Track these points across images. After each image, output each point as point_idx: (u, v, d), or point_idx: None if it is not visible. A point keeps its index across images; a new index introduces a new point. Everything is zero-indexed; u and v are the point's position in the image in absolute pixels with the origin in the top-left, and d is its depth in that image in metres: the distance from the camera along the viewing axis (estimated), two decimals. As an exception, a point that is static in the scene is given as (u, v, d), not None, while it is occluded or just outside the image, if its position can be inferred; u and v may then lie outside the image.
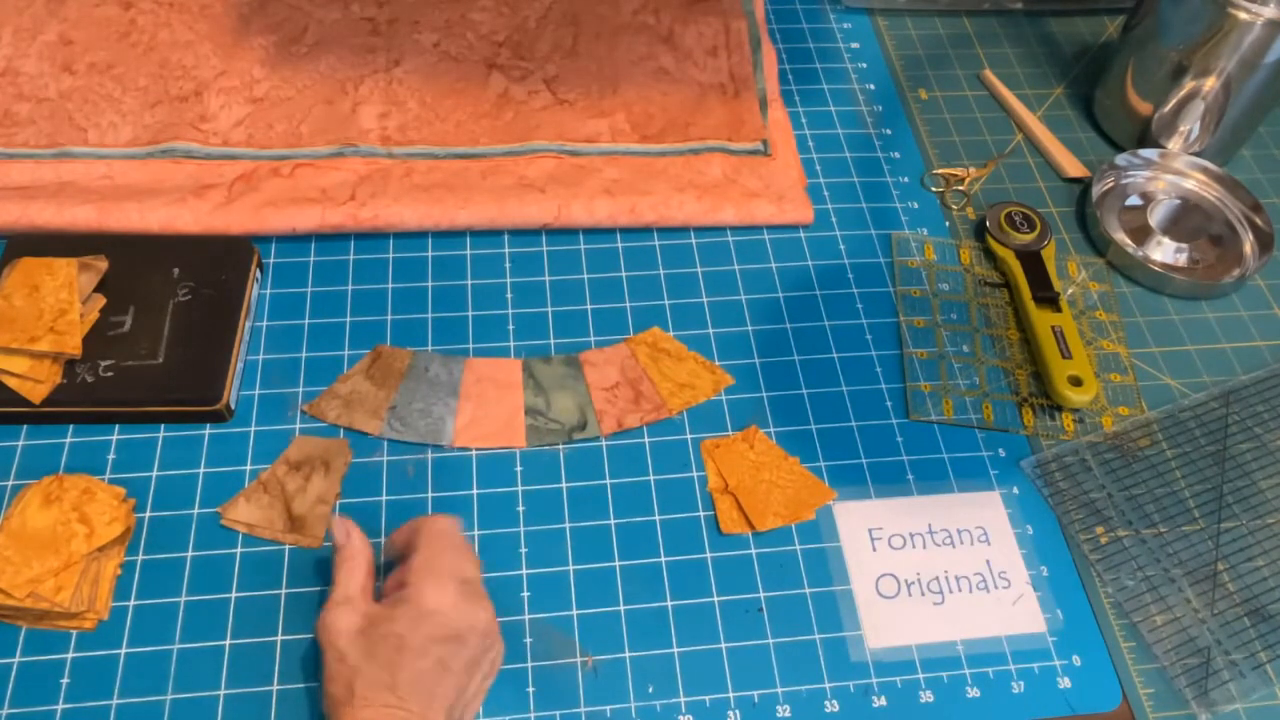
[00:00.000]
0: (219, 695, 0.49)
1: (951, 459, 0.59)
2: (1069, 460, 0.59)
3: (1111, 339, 0.65)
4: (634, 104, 0.73)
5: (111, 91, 0.70)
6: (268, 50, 0.74)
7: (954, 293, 0.67)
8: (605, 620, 0.52)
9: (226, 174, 0.66)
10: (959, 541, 0.56)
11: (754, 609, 0.53)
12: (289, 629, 0.51)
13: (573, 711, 0.49)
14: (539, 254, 0.66)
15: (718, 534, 0.55)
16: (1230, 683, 0.52)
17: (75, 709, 0.48)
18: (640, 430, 0.59)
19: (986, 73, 0.80)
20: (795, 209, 0.69)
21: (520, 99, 0.73)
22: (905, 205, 0.71)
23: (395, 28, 0.76)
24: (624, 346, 0.62)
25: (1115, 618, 0.54)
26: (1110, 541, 0.57)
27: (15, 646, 0.49)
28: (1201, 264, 0.69)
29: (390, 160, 0.68)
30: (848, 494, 0.57)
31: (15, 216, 0.62)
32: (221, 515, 0.54)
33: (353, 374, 0.59)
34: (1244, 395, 0.63)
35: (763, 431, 0.59)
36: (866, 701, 0.51)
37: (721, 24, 0.79)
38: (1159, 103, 0.72)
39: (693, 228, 0.68)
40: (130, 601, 0.51)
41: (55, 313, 0.56)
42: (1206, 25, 0.67)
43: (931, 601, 0.54)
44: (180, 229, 0.63)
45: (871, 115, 0.76)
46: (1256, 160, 0.77)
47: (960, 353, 0.64)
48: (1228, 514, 0.58)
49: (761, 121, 0.73)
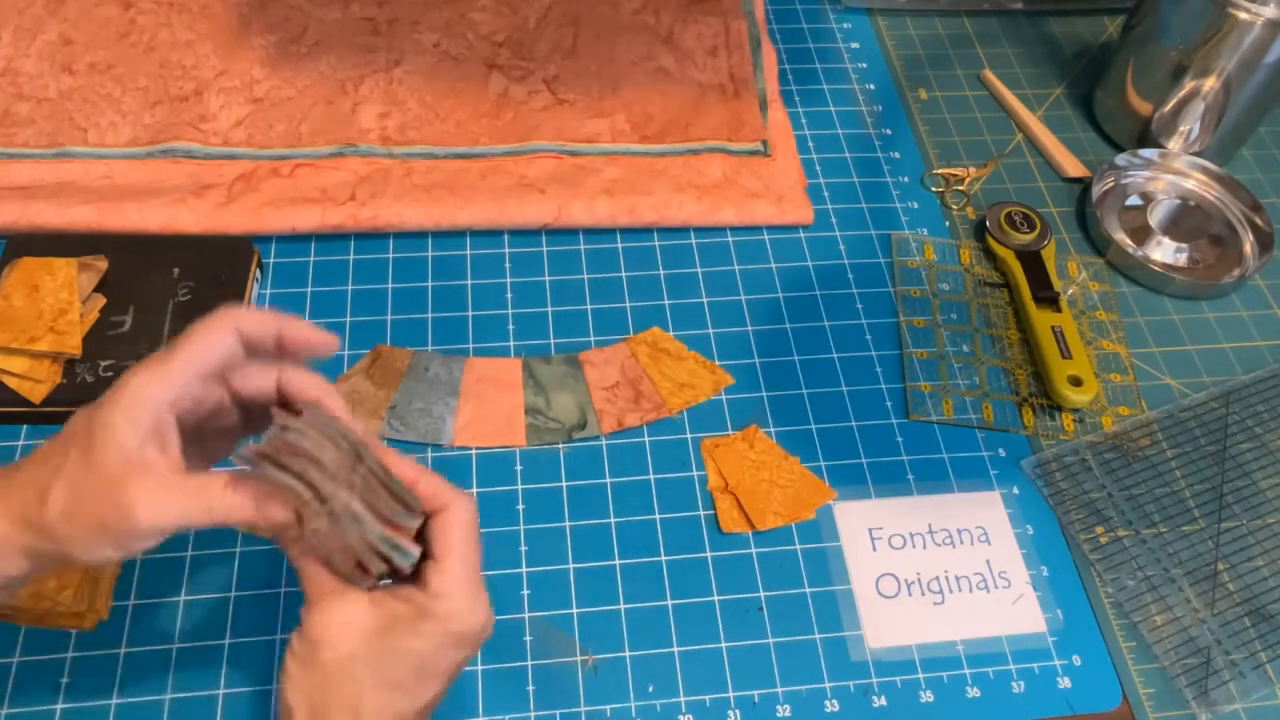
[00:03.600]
0: (219, 695, 0.49)
1: (951, 459, 0.59)
2: (1069, 460, 0.59)
3: (1111, 339, 0.65)
4: (634, 104, 0.73)
5: (111, 91, 0.70)
6: (268, 50, 0.74)
7: (954, 293, 0.67)
8: (605, 619, 0.52)
9: (226, 174, 0.66)
10: (959, 541, 0.56)
11: (754, 608, 0.53)
12: (289, 628, 0.50)
13: (573, 711, 0.49)
14: (539, 254, 0.66)
15: (718, 533, 0.55)
16: (1230, 683, 0.52)
17: (75, 708, 0.48)
18: (640, 430, 0.59)
19: (986, 73, 0.80)
20: (795, 209, 0.69)
21: (520, 99, 0.73)
22: (905, 205, 0.71)
23: (395, 28, 0.76)
24: (624, 346, 0.62)
25: (1115, 618, 0.54)
26: (1110, 541, 0.57)
27: (15, 646, 0.49)
28: (1201, 264, 0.69)
29: (390, 160, 0.68)
30: (848, 494, 0.57)
31: (15, 216, 0.62)
32: (221, 515, 0.53)
33: (353, 374, 0.59)
34: (1244, 395, 0.63)
35: (763, 431, 0.59)
36: (866, 701, 0.51)
37: (721, 24, 0.79)
38: (1159, 103, 0.72)
39: (693, 228, 0.68)
40: (130, 601, 0.51)
41: (55, 313, 0.56)
42: (1206, 25, 0.67)
43: (931, 601, 0.54)
44: (180, 229, 0.63)
45: (871, 115, 0.76)
46: (1256, 160, 0.77)
47: (960, 353, 0.64)
48: (1228, 514, 0.58)
49: (761, 122, 0.73)
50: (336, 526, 0.37)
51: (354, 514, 0.37)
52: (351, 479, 0.38)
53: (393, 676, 0.38)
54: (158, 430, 0.37)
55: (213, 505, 0.37)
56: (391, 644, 0.38)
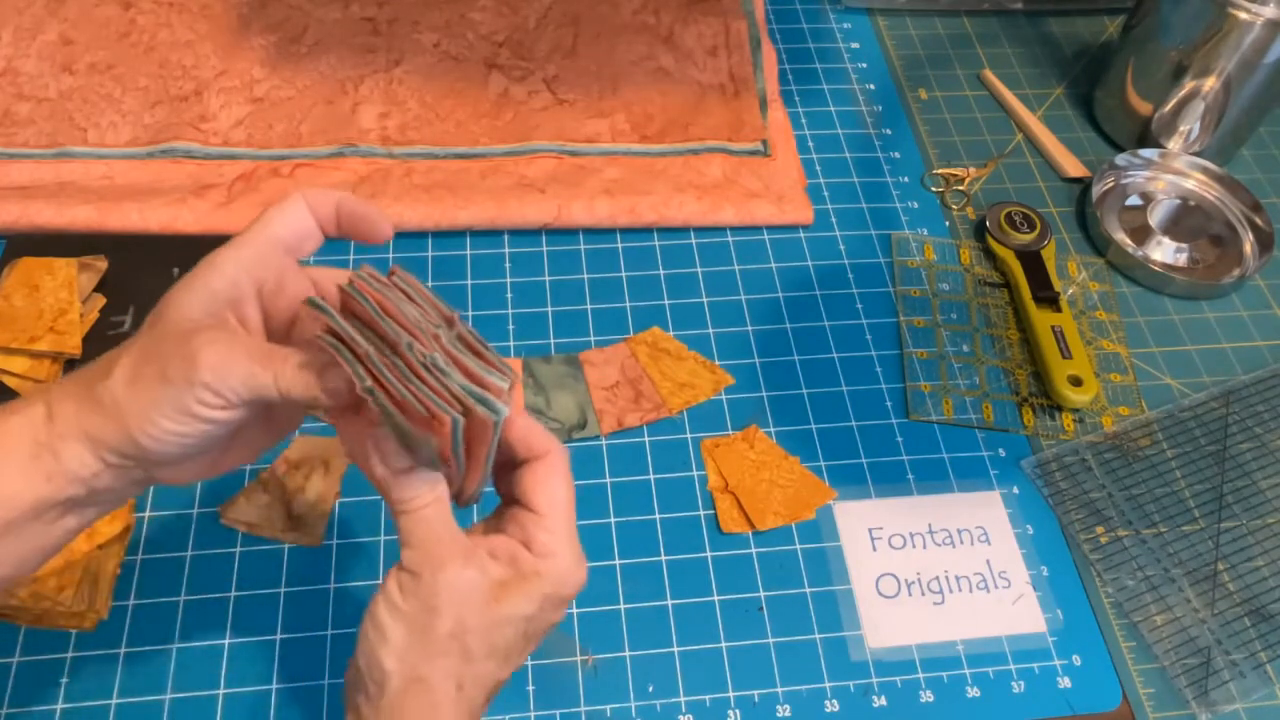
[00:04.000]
0: (219, 695, 0.49)
1: (951, 459, 0.59)
2: (1069, 460, 0.59)
3: (1111, 339, 0.65)
4: (634, 104, 0.73)
5: (111, 91, 0.70)
6: (268, 50, 0.74)
7: (954, 293, 0.67)
8: (605, 619, 0.52)
9: (226, 174, 0.66)
10: (959, 541, 0.56)
11: (754, 608, 0.53)
12: (288, 628, 0.51)
13: (573, 711, 0.49)
14: (539, 254, 0.66)
15: (718, 533, 0.55)
16: (1230, 683, 0.52)
17: (75, 708, 0.48)
18: (640, 429, 0.59)
19: (986, 73, 0.80)
20: (795, 209, 0.69)
21: (520, 99, 0.73)
22: (905, 205, 0.71)
23: (395, 28, 0.76)
24: (624, 346, 0.62)
25: (1115, 617, 0.54)
26: (1110, 541, 0.57)
27: (15, 646, 0.49)
28: (1201, 264, 0.69)
29: (390, 160, 0.68)
30: (848, 494, 0.57)
31: (15, 216, 0.62)
32: (221, 514, 0.53)
33: (353, 374, 0.59)
34: (1244, 395, 0.63)
35: (763, 431, 0.59)
36: (866, 701, 0.51)
37: (721, 24, 0.79)
38: (1159, 103, 0.72)
39: (693, 228, 0.68)
40: (130, 601, 0.51)
41: (55, 313, 0.56)
42: (1206, 25, 0.67)
43: (931, 601, 0.54)
44: (180, 229, 0.63)
45: (871, 115, 0.76)
46: (1256, 160, 0.77)
47: (960, 353, 0.64)
48: (1228, 514, 0.58)
49: (761, 122, 0.73)
50: (411, 380, 0.33)
51: (439, 366, 0.33)
52: (436, 335, 0.34)
53: (499, 645, 0.35)
54: (235, 301, 0.35)
55: (282, 372, 0.33)
56: (501, 613, 0.35)
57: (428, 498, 0.35)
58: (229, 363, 0.33)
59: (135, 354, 0.34)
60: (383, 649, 0.34)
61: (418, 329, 0.34)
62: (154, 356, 0.33)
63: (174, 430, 0.33)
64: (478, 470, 0.36)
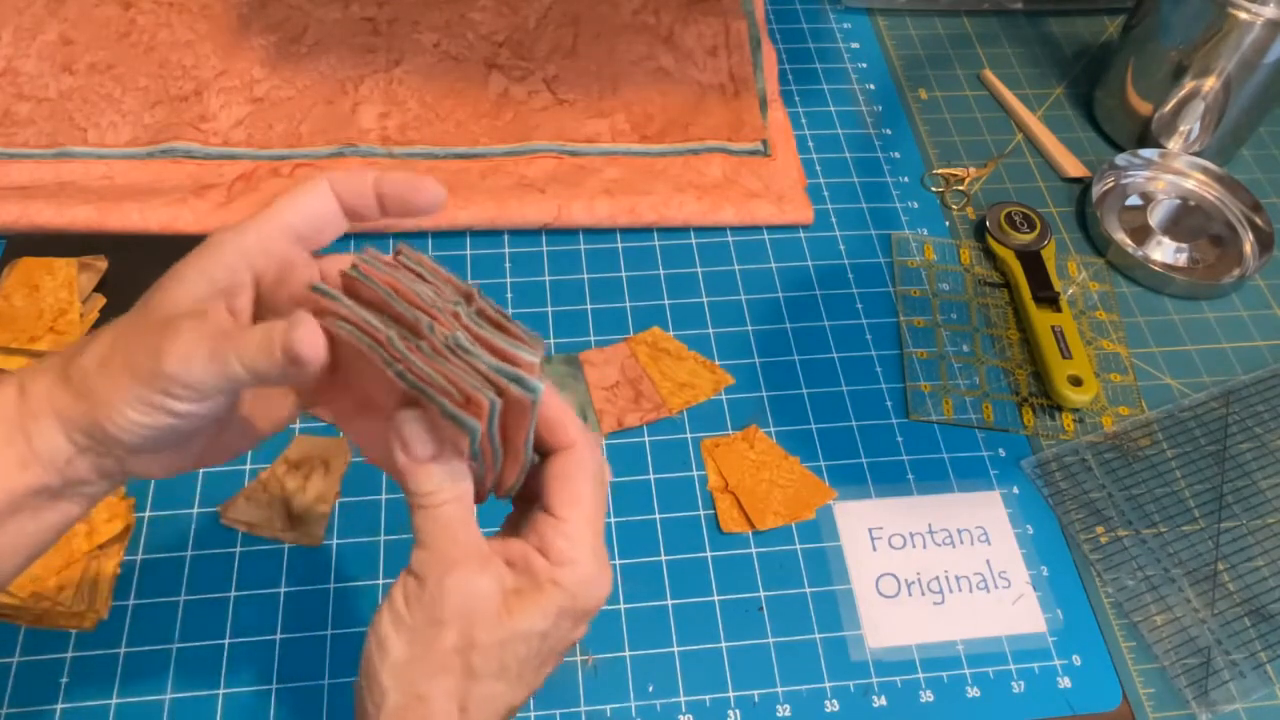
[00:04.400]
0: (218, 695, 0.49)
1: (951, 459, 0.59)
2: (1069, 460, 0.59)
3: (1111, 339, 0.65)
4: (634, 104, 0.73)
5: (111, 91, 0.70)
6: (268, 50, 0.74)
7: (954, 293, 0.67)
8: (605, 619, 0.52)
9: (226, 174, 0.66)
10: (959, 541, 0.56)
11: (754, 608, 0.53)
12: (288, 628, 0.51)
13: (573, 711, 0.49)
14: (539, 254, 0.66)
15: (718, 533, 0.55)
16: (1230, 682, 0.52)
17: (75, 708, 0.48)
18: (640, 429, 0.59)
19: (986, 73, 0.80)
20: (795, 209, 0.69)
21: (520, 99, 0.73)
22: (905, 205, 0.71)
23: (395, 28, 0.76)
24: (624, 346, 0.62)
25: (1115, 617, 0.54)
26: (1110, 541, 0.57)
27: (15, 646, 0.49)
28: (1201, 264, 0.69)
29: (390, 160, 0.68)
30: (848, 494, 0.57)
31: (15, 216, 0.62)
32: (221, 514, 0.53)
33: (353, 374, 0.59)
34: (1244, 395, 0.63)
35: (763, 431, 0.59)
36: (866, 701, 0.51)
37: (721, 24, 0.79)
38: (1159, 103, 0.72)
39: (693, 228, 0.68)
40: (130, 601, 0.51)
41: (55, 313, 0.56)
42: (1206, 25, 0.67)
43: (931, 601, 0.54)
44: (180, 229, 0.63)
45: (871, 115, 0.76)
46: (1256, 160, 0.77)
47: (960, 353, 0.64)
48: (1228, 514, 0.58)
49: (761, 122, 0.73)
50: (437, 361, 0.30)
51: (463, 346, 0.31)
52: (455, 313, 0.32)
53: (509, 664, 0.32)
54: (230, 289, 0.32)
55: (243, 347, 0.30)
56: (512, 627, 0.32)
57: (449, 493, 0.32)
58: (195, 353, 0.30)
59: (111, 336, 0.32)
60: (381, 664, 0.32)
61: (434, 309, 0.31)
62: (126, 342, 0.32)
63: (139, 421, 0.31)
64: (517, 457, 0.33)
